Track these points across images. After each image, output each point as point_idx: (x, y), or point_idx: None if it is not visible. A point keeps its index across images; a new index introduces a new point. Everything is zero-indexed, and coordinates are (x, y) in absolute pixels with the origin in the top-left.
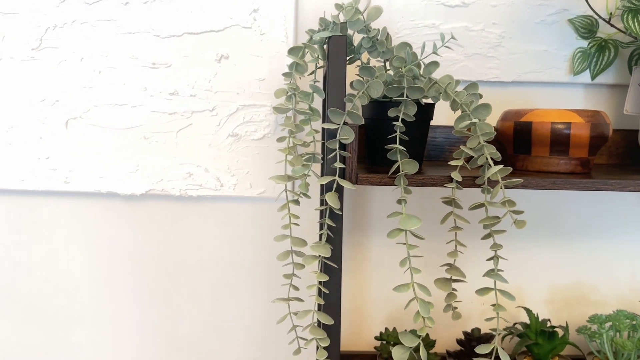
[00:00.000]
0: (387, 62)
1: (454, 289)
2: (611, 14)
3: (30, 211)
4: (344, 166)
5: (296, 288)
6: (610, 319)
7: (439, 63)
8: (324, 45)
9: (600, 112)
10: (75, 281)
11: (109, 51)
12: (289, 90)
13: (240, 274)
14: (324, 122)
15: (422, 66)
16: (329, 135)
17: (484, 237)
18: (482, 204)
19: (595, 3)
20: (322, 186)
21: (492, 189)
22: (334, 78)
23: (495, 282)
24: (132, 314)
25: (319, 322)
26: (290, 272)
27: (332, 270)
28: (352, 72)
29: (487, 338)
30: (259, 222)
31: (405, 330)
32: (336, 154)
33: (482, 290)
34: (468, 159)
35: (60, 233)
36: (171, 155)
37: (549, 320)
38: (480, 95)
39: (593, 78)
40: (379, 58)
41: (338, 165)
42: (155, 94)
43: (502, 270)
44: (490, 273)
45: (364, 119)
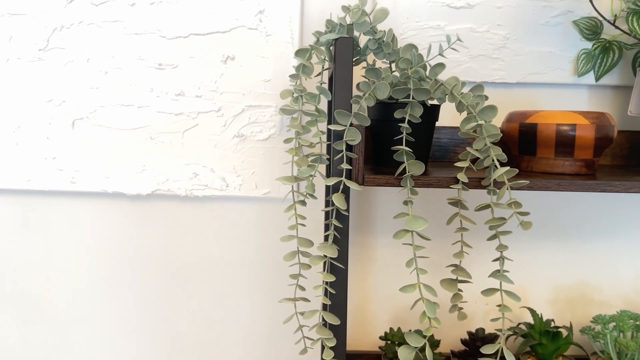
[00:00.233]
0: (393, 64)
1: (459, 289)
2: (616, 16)
3: (36, 211)
4: (350, 167)
5: (302, 288)
6: (614, 319)
7: (445, 65)
8: (331, 47)
9: (605, 113)
10: (80, 280)
11: (116, 52)
12: (296, 92)
13: (245, 273)
14: (330, 123)
15: (428, 68)
16: (335, 136)
17: (489, 238)
18: (488, 205)
19: (600, 5)
20: (327, 187)
21: (498, 190)
22: (340, 80)
23: (500, 283)
24: (137, 314)
25: (325, 322)
26: (297, 272)
27: (339, 271)
28: (357, 74)
29: (491, 338)
30: (264, 222)
31: (410, 330)
32: (343, 155)
33: (488, 291)
34: (474, 160)
35: (66, 233)
36: (177, 155)
37: (552, 320)
38: (486, 97)
39: (597, 79)
40: (384, 59)
41: (345, 166)
42: (162, 95)
43: (507, 271)
44: (496, 274)
45: (370, 120)
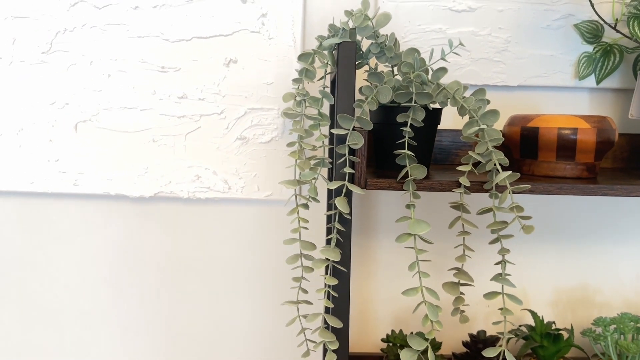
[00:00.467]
0: (395, 67)
1: (461, 292)
2: (617, 20)
3: (39, 213)
4: (353, 171)
5: (305, 291)
6: (614, 321)
7: (447, 69)
8: (333, 51)
9: (606, 117)
10: (83, 282)
11: (119, 55)
12: (299, 96)
13: (247, 276)
14: (332, 127)
15: (430, 72)
16: (338, 140)
17: (491, 242)
18: (490, 209)
19: (601, 9)
20: (329, 190)
21: (500, 194)
22: (343, 84)
23: (502, 287)
24: (139, 315)
25: (328, 325)
26: (299, 275)
27: (341, 274)
28: (359, 77)
29: (492, 340)
30: (266, 225)
31: (412, 333)
32: (345, 159)
33: (490, 294)
34: (475, 163)
35: (69, 235)
36: (180, 158)
37: (553, 322)
38: (488, 101)
39: (598, 82)
40: (386, 63)
41: (347, 170)
42: (164, 98)
43: (509, 275)
44: (498, 277)
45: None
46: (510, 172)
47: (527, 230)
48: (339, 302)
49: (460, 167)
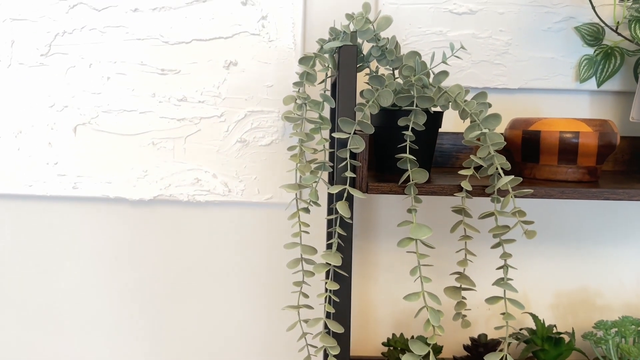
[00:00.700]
0: (396, 70)
1: (463, 297)
2: (618, 23)
3: (38, 216)
4: (354, 175)
5: (306, 295)
6: (616, 325)
7: (448, 73)
8: (334, 55)
9: (608, 121)
10: (82, 286)
11: (118, 57)
12: (300, 99)
13: (247, 279)
14: (333, 130)
15: (431, 75)
16: (339, 144)
17: (493, 246)
18: (491, 213)
19: (602, 11)
20: (329, 194)
21: (502, 198)
22: (344, 87)
23: (504, 291)
24: (138, 319)
25: (329, 330)
26: (300, 279)
27: (342, 279)
28: (360, 80)
29: (493, 344)
30: (266, 228)
31: (413, 337)
32: (347, 163)
33: (492, 299)
34: (477, 167)
35: (68, 238)
36: (179, 160)
37: (554, 326)
38: (490, 105)
39: (599, 85)
40: (387, 66)
41: (349, 174)
42: (164, 100)
43: (511, 279)
44: (500, 282)
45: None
46: (512, 176)
47: (530, 235)
48: (340, 307)
49: (462, 171)
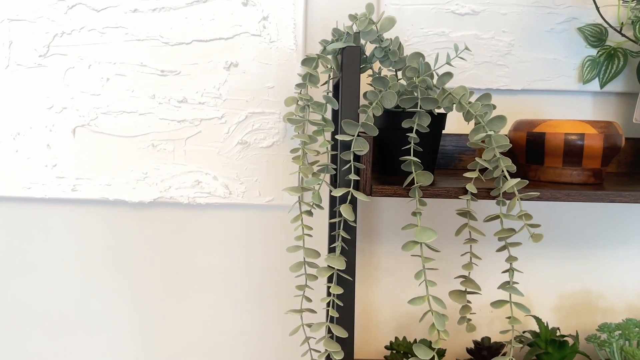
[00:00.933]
0: (399, 72)
1: (468, 301)
2: (622, 24)
3: (36, 219)
4: (358, 178)
5: (309, 299)
6: (619, 327)
7: (452, 74)
8: (337, 56)
9: (613, 122)
10: (81, 289)
11: (117, 58)
12: (302, 101)
13: (248, 282)
14: (336, 132)
15: (435, 76)
16: (342, 146)
17: (499, 250)
18: (497, 216)
19: (605, 12)
20: (332, 196)
21: (507, 201)
22: (347, 89)
23: (510, 295)
24: (139, 322)
25: (332, 334)
26: (303, 282)
27: (346, 283)
28: (363, 82)
29: (497, 347)
30: (268, 230)
31: (416, 340)
32: (350, 165)
33: (497, 303)
34: (482, 169)
35: (67, 241)
36: (180, 163)
37: (558, 328)
38: (494, 106)
39: (602, 86)
40: (390, 67)
41: (352, 177)
42: (164, 102)
43: (517, 283)
44: (506, 286)
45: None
46: (518, 179)
47: (536, 239)
48: (344, 311)
49: (466, 174)
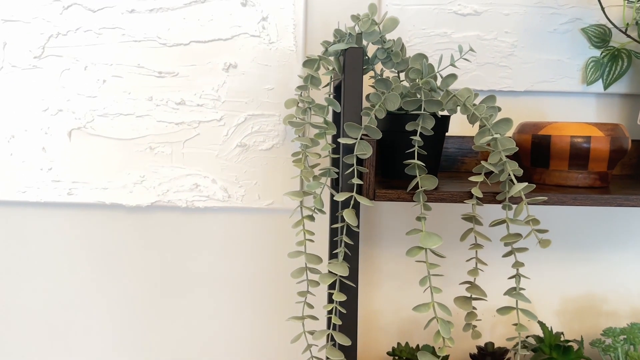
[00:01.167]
0: (402, 73)
1: (473, 307)
2: (628, 24)
3: (32, 223)
4: (361, 182)
5: (310, 306)
6: (624, 332)
7: (457, 76)
8: (340, 57)
9: (619, 125)
10: (78, 294)
11: (114, 60)
12: (303, 104)
13: (248, 287)
14: (338, 135)
15: (438, 78)
16: (345, 150)
17: (505, 255)
18: (503, 221)
19: (609, 12)
20: (333, 200)
21: (514, 205)
22: (350, 91)
23: (517, 302)
24: (135, 327)
25: (335, 342)
26: (304, 289)
27: (349, 289)
28: (365, 83)
29: (501, 353)
30: (267, 234)
31: (419, 346)
32: (353, 169)
33: (504, 310)
34: (487, 173)
35: (63, 246)
36: (178, 166)
37: (562, 333)
38: (499, 108)
39: (606, 88)
40: (393, 69)
41: (356, 181)
42: (162, 104)
43: (523, 289)
44: (512, 292)
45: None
46: (526, 183)
47: (544, 244)
48: (347, 318)
49: (472, 178)
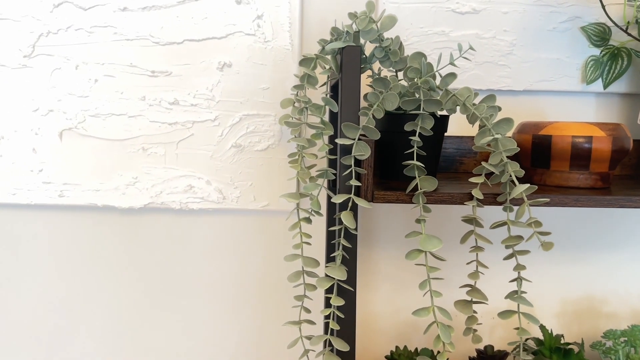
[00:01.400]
0: (400, 72)
1: (474, 310)
2: (628, 23)
3: (22, 226)
4: (359, 184)
5: (307, 310)
6: (625, 334)
7: (456, 75)
8: (337, 56)
9: (620, 124)
10: (69, 298)
11: (106, 59)
12: (300, 103)
13: (242, 291)
14: (335, 136)
15: (437, 77)
16: (343, 151)
17: (506, 258)
18: (504, 223)
19: (609, 11)
20: (330, 202)
21: (515, 207)
22: (347, 90)
23: (519, 306)
24: (127, 330)
25: (333, 348)
26: (301, 292)
27: (347, 294)
28: (362, 82)
29: (500, 356)
30: (263, 236)
31: (417, 349)
32: (351, 170)
33: (505, 314)
34: (487, 174)
35: (54, 249)
36: (171, 167)
37: (562, 336)
38: (499, 108)
39: (605, 87)
40: (390, 68)
41: (354, 182)
42: (155, 104)
43: (525, 292)
44: (514, 296)
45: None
46: (527, 185)
47: (547, 247)
48: (345, 323)
49: (472, 179)
